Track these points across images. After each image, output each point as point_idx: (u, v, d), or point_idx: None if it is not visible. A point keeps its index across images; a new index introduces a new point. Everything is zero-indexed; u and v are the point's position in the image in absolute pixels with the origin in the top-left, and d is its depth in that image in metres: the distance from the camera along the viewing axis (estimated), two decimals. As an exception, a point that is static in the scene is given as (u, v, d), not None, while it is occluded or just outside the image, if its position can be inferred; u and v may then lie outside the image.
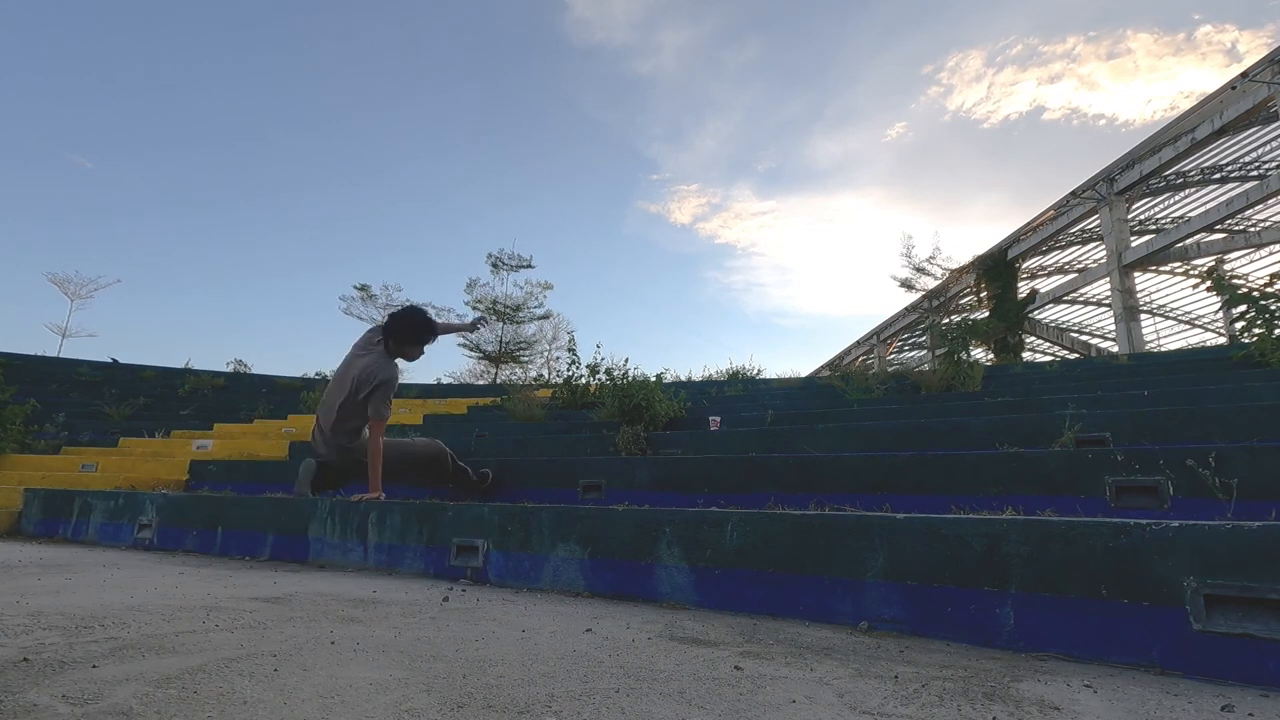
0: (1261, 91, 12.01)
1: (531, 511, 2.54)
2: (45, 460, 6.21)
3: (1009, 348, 17.94)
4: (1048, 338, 22.58)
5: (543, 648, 1.49)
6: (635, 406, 5.24)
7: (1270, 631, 1.28)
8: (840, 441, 3.94)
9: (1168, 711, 1.12)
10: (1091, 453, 2.65)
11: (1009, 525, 1.65)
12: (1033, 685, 1.26)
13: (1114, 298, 15.91)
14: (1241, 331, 5.57)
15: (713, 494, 3.36)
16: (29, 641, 1.39)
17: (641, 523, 2.26)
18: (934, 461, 2.94)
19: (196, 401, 10.67)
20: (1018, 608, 1.59)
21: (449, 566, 2.67)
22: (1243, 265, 16.82)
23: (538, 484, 3.92)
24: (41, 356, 13.27)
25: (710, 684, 1.23)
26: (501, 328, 20.89)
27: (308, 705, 1.04)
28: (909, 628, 1.73)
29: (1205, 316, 19.26)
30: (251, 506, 3.46)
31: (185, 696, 1.06)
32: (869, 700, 1.15)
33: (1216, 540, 1.39)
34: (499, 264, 20.81)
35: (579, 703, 1.10)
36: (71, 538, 4.07)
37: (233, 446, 6.57)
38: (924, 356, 19.71)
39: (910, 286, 21.01)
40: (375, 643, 1.49)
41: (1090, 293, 19.56)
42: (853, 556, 1.85)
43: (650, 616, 1.93)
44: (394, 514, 2.92)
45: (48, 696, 1.03)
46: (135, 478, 5.33)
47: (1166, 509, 2.36)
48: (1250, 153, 14.70)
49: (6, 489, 4.59)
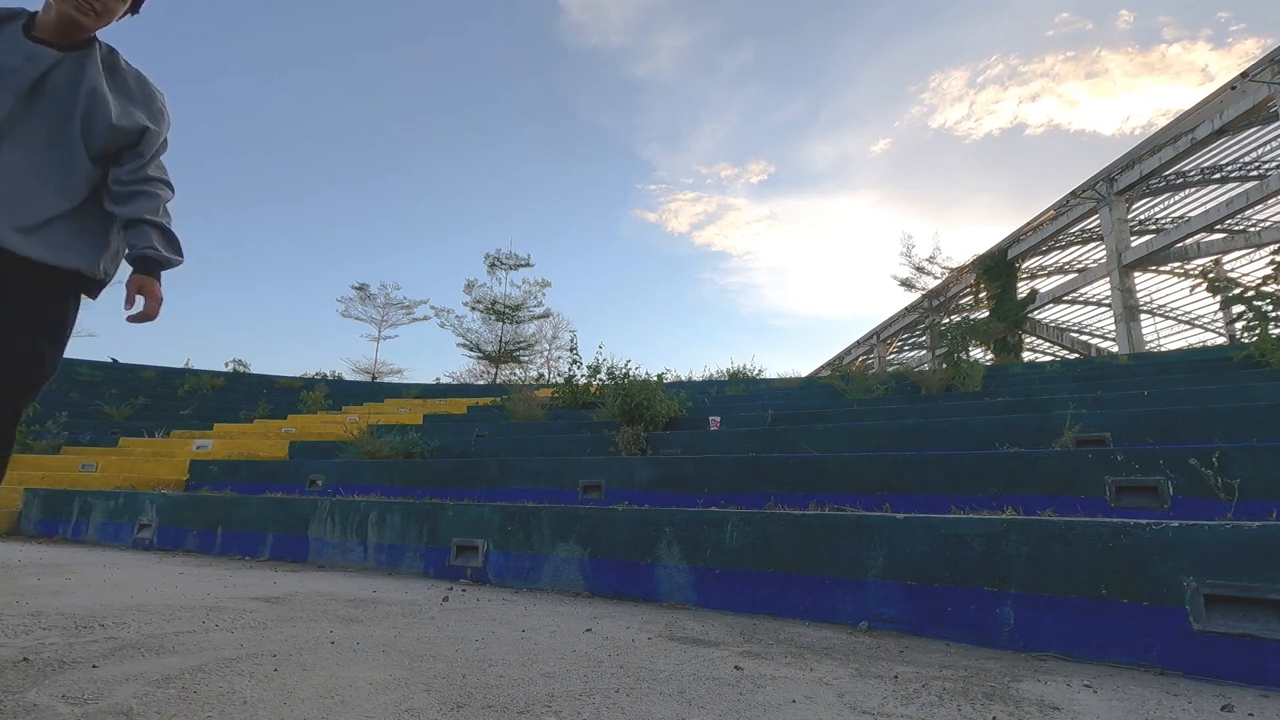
0: (1261, 91, 12.02)
1: (531, 511, 2.54)
2: (45, 460, 6.20)
3: (1009, 348, 17.94)
4: (1048, 338, 22.57)
5: (543, 648, 1.49)
6: (636, 406, 5.23)
7: (1270, 631, 1.28)
8: (840, 441, 3.94)
9: (1168, 711, 1.12)
10: (1091, 453, 2.65)
11: (1009, 525, 1.65)
12: (1033, 685, 1.26)
13: (1114, 298, 15.92)
14: (1241, 332, 5.58)
15: (713, 494, 3.36)
16: (29, 641, 1.39)
17: (641, 523, 2.26)
18: (934, 461, 2.94)
19: (196, 401, 10.67)
20: (1018, 607, 1.59)
21: (449, 566, 2.67)
22: (1243, 265, 16.83)
23: (538, 484, 3.92)
24: (41, 356, 13.24)
25: (710, 684, 1.23)
26: (501, 328, 20.89)
27: (308, 705, 1.04)
28: (909, 627, 1.73)
29: (1205, 316, 19.27)
30: (251, 506, 3.46)
31: (185, 696, 1.06)
32: (869, 700, 1.15)
33: (1216, 540, 1.39)
34: (497, 263, 20.80)
35: (579, 702, 1.10)
36: (71, 538, 4.07)
37: (233, 446, 6.57)
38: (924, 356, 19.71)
39: (910, 286, 21.01)
40: (375, 643, 1.49)
41: (1090, 293, 19.56)
42: (852, 556, 1.85)
43: (650, 616, 1.93)
44: (394, 514, 2.92)
45: (48, 696, 1.03)
46: (135, 478, 5.33)
47: (1166, 509, 2.36)
48: (1250, 153, 14.70)
49: (7, 489, 4.59)
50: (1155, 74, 34.36)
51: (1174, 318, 20.19)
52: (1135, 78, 34.75)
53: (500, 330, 20.90)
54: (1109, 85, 36.25)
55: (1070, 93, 37.70)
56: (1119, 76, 35.28)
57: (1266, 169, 14.69)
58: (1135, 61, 35.12)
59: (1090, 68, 36.31)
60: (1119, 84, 35.68)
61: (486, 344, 20.92)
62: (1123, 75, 35.04)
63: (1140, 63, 35.10)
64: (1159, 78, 33.96)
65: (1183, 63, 33.73)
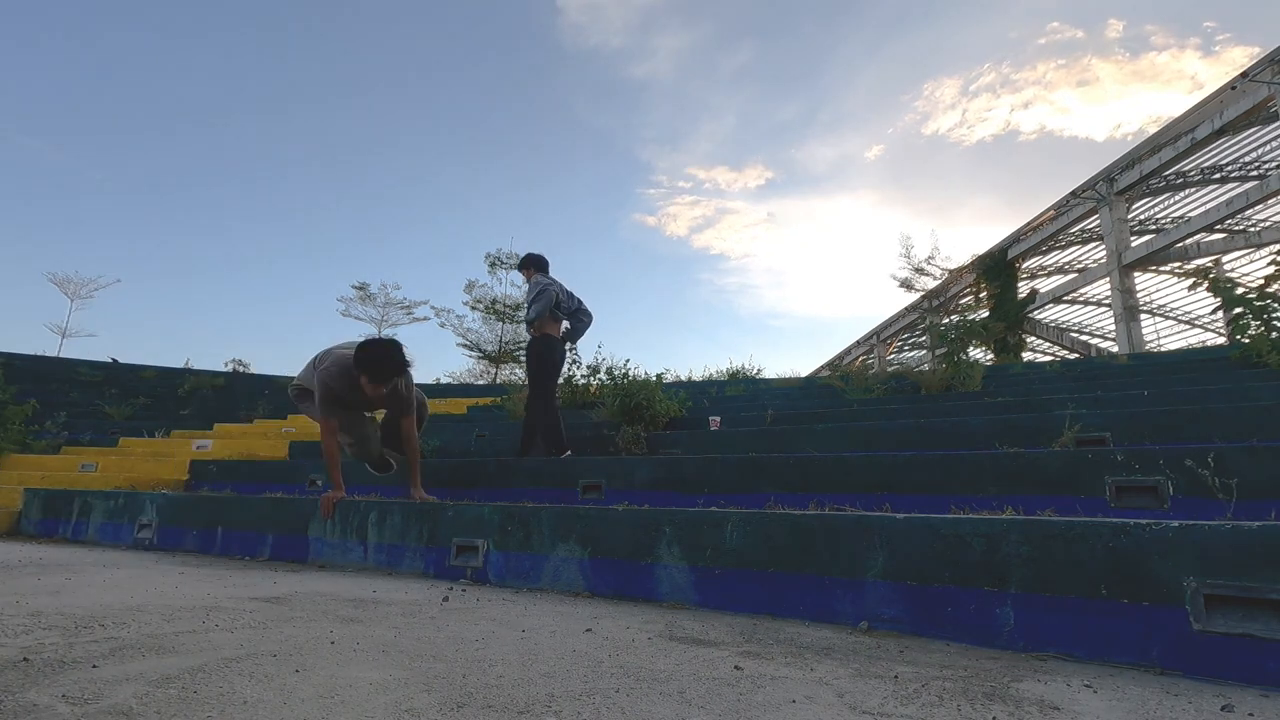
0: (1261, 91, 12.01)
1: (531, 511, 2.54)
2: (45, 460, 6.20)
3: (1009, 348, 17.93)
4: (1048, 338, 22.57)
5: (543, 648, 1.49)
6: (635, 406, 5.23)
7: (1270, 631, 1.28)
8: (840, 441, 3.94)
9: (1168, 711, 1.12)
10: (1091, 453, 2.65)
11: (1009, 525, 1.65)
12: (1033, 685, 1.26)
13: (1114, 298, 15.91)
14: (1237, 332, 5.58)
15: (713, 494, 3.35)
16: (29, 641, 1.39)
17: (641, 523, 2.26)
18: (934, 461, 2.94)
19: (196, 401, 10.67)
20: (1018, 608, 1.59)
21: (449, 566, 2.67)
22: (1243, 265, 16.83)
23: (538, 484, 3.92)
24: (41, 356, 13.27)
25: (710, 684, 1.23)
26: (501, 328, 20.89)
27: (308, 705, 1.04)
28: (909, 628, 1.73)
29: (1205, 316, 19.26)
30: (251, 506, 3.46)
31: (185, 696, 1.06)
32: (869, 700, 1.15)
33: (1216, 540, 1.39)
34: (498, 263, 20.80)
35: (579, 703, 1.10)
36: (71, 538, 4.07)
37: (233, 446, 6.57)
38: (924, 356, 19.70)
39: (910, 287, 21.01)
40: (375, 643, 1.49)
41: (1090, 293, 19.56)
42: (852, 556, 1.85)
43: (650, 616, 1.93)
44: (394, 514, 2.92)
45: (48, 696, 1.03)
46: (135, 478, 5.33)
47: (1166, 509, 2.36)
48: (1250, 153, 14.70)
49: (6, 489, 4.59)
50: (1145, 81, 34.63)
51: (1174, 318, 20.18)
52: (1125, 85, 35.01)
53: (500, 330, 20.91)
54: (1100, 93, 36.49)
55: (1062, 100, 37.93)
56: (1109, 84, 35.52)
57: (1266, 169, 14.68)
58: (1125, 69, 35.36)
59: (1081, 75, 36.53)
60: (1110, 91, 35.93)
61: (486, 344, 20.92)
62: (1113, 83, 35.29)
63: (1130, 70, 35.35)
64: (1149, 85, 34.24)
65: (1172, 70, 34.01)
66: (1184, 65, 33.91)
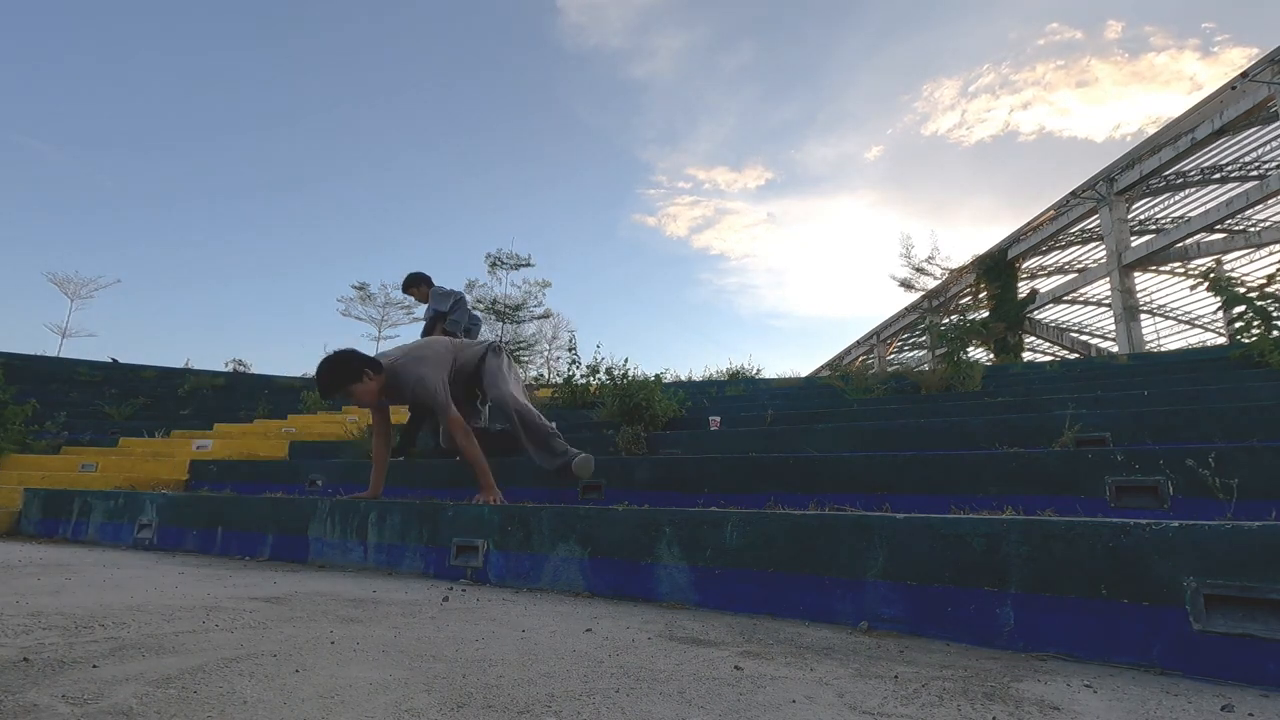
0: (1261, 91, 12.01)
1: (531, 511, 2.54)
2: (45, 460, 6.20)
3: (1009, 348, 17.94)
4: (1048, 338, 22.57)
5: (543, 648, 1.49)
6: (635, 406, 5.23)
7: (1270, 631, 1.28)
8: (840, 441, 3.94)
9: (1168, 711, 1.12)
10: (1091, 453, 2.65)
11: (1009, 525, 1.65)
12: (1033, 685, 1.26)
13: (1114, 298, 15.91)
14: (1238, 332, 5.58)
15: (713, 494, 3.35)
16: (29, 641, 1.39)
17: (641, 522, 2.26)
18: (934, 461, 2.94)
19: (196, 401, 10.67)
20: (1018, 607, 1.59)
21: (449, 566, 2.67)
22: (1243, 265, 16.83)
23: (537, 484, 3.92)
24: (41, 356, 13.28)
25: (710, 684, 1.23)
26: (502, 327, 20.89)
27: (308, 705, 1.04)
28: (909, 628, 1.73)
29: (1205, 316, 19.26)
30: (251, 506, 3.46)
31: (185, 696, 1.06)
32: (869, 700, 1.15)
33: (1216, 540, 1.39)
34: (498, 263, 20.81)
35: (579, 703, 1.10)
36: (71, 538, 4.07)
37: (233, 446, 6.57)
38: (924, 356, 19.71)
39: (910, 286, 21.02)
40: (375, 643, 1.49)
41: (1090, 293, 19.56)
42: (852, 556, 1.85)
43: (650, 616, 1.93)
44: (394, 514, 2.92)
45: (48, 696, 1.03)
46: (135, 478, 5.33)
47: (1166, 509, 2.36)
48: (1250, 153, 14.70)
49: (6, 489, 4.59)
50: (1144, 82, 34.70)
51: (1174, 318, 20.18)
52: (1125, 86, 35.07)
53: (500, 330, 20.91)
54: (1099, 94, 36.55)
55: (1061, 101, 37.96)
56: (1109, 85, 35.59)
57: (1266, 169, 14.68)
58: (1124, 70, 35.43)
59: (1080, 76, 36.58)
60: (1109, 92, 35.98)
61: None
62: (1112, 84, 35.36)
63: (1129, 71, 35.43)
64: (1148, 86, 34.31)
65: (1171, 71, 34.08)
66: (1183, 66, 33.97)
